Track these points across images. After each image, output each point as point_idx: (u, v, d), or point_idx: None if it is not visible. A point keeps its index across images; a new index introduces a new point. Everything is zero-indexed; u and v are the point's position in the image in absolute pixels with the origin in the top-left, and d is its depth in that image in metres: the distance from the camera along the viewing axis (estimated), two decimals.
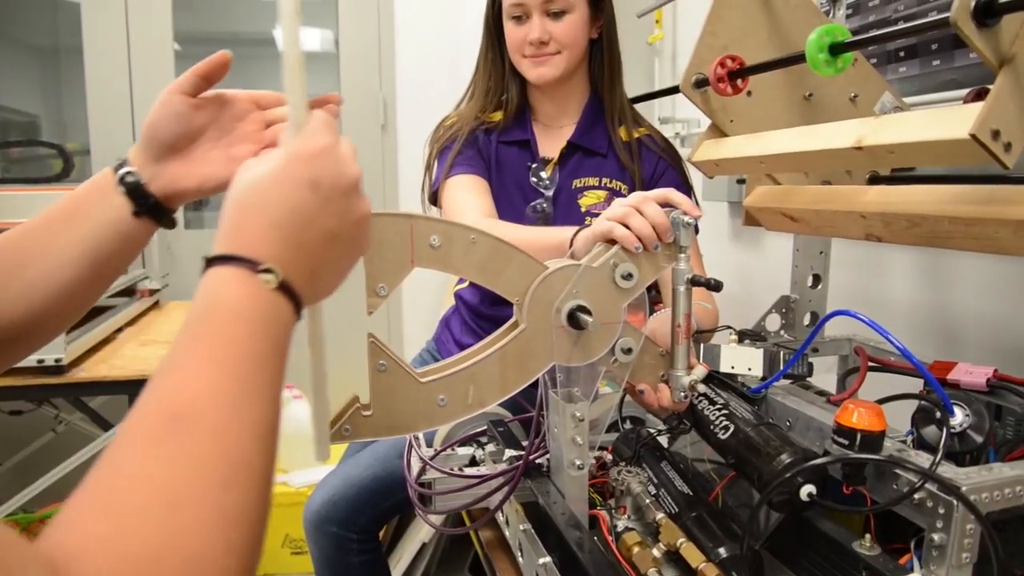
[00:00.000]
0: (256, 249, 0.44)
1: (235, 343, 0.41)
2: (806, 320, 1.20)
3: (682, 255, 0.78)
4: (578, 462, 0.77)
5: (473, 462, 1.06)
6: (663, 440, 0.98)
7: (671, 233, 0.77)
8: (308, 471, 2.34)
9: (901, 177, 1.03)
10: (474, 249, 0.73)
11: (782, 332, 1.20)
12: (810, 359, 1.01)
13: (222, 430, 0.37)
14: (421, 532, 2.16)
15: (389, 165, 2.75)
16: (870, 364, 1.01)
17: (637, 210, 0.77)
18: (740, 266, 1.84)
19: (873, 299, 1.36)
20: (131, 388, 1.62)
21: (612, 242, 0.78)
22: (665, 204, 0.79)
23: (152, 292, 2.34)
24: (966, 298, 1.20)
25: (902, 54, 1.29)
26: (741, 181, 1.63)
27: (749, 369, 0.93)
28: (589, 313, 0.74)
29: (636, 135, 1.28)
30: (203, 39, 2.98)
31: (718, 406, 0.86)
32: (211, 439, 0.37)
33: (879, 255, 1.36)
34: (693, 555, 0.68)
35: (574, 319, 0.74)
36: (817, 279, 1.18)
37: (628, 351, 0.77)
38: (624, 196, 1.24)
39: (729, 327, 0.98)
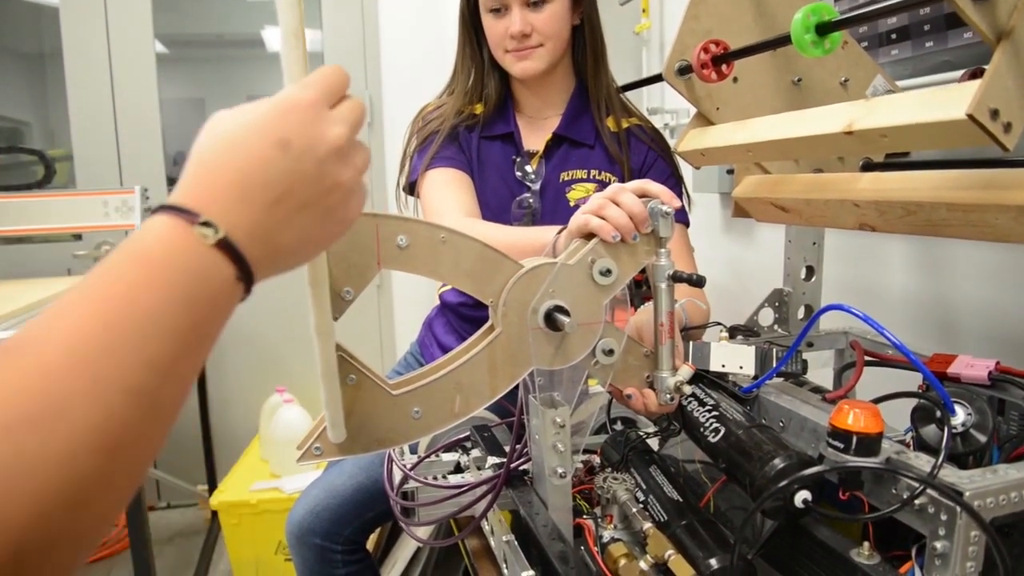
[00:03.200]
0: (205, 203, 0.40)
1: (126, 285, 0.37)
2: (800, 314, 1.16)
3: (662, 250, 0.74)
4: (560, 470, 0.73)
5: (458, 468, 1.02)
6: (653, 442, 0.94)
7: (649, 223, 0.73)
8: (300, 476, 2.31)
9: (896, 163, 0.99)
10: (444, 249, 0.68)
11: (775, 327, 1.16)
12: (804, 355, 0.98)
13: (53, 366, 0.34)
14: (417, 533, 2.12)
15: (376, 163, 2.71)
16: (868, 359, 0.97)
17: (612, 201, 0.73)
18: (732, 258, 1.80)
19: (869, 290, 1.32)
20: None
21: (590, 237, 0.74)
22: (643, 196, 0.75)
23: None
24: (964, 287, 1.16)
25: (894, 36, 1.25)
26: (731, 171, 1.59)
27: (740, 367, 0.89)
28: (567, 313, 0.70)
29: (625, 125, 1.23)
30: (188, 41, 2.94)
31: (708, 407, 0.82)
32: (36, 372, 0.33)
33: (873, 245, 1.32)
34: (682, 568, 0.64)
35: (551, 320, 0.70)
36: (811, 271, 1.14)
37: (610, 352, 0.73)
38: None
39: (719, 323, 0.94)
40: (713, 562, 0.67)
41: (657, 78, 1.03)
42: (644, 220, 0.72)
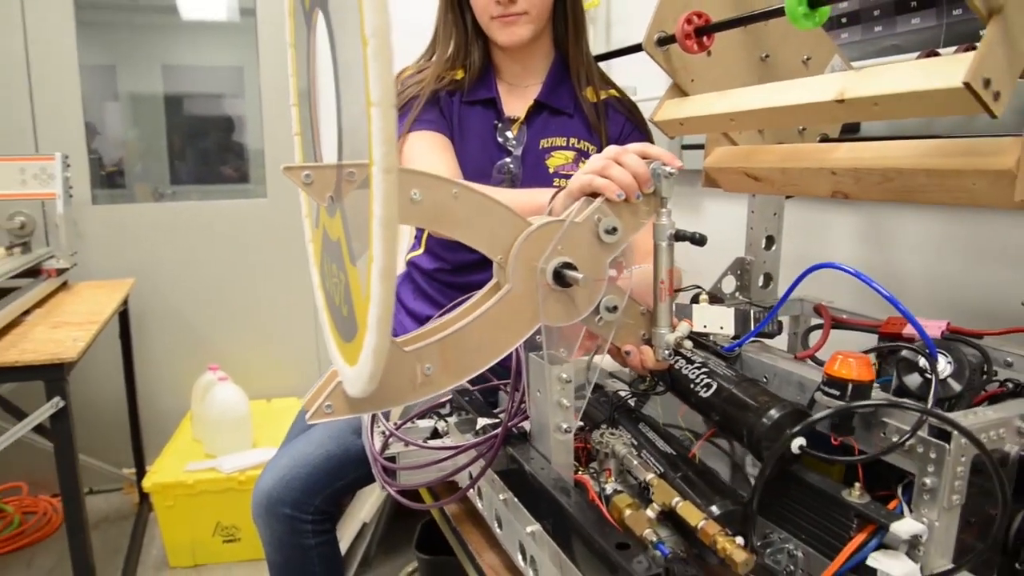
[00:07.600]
0: None
1: None
2: (760, 281, 1.21)
3: (664, 209, 0.76)
4: (564, 425, 0.75)
5: (436, 434, 1.02)
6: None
7: (651, 183, 0.75)
8: (238, 456, 2.24)
9: (855, 137, 1.05)
10: (456, 205, 0.68)
11: (737, 294, 1.21)
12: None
13: None
14: (362, 512, 2.10)
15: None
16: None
17: (615, 161, 0.75)
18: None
19: (818, 261, 1.39)
20: (47, 373, 1.49)
21: (593, 196, 0.76)
22: (644, 157, 0.77)
23: (59, 272, 2.17)
24: (908, 258, 1.24)
25: (844, 20, 1.32)
26: (687, 147, 1.63)
27: (721, 328, 0.93)
28: (576, 269, 0.71)
29: (603, 96, 1.25)
30: (98, 4, 2.76)
31: (696, 364, 0.85)
32: None
33: (821, 219, 1.39)
34: (691, 513, 0.67)
35: (560, 277, 0.71)
36: (771, 240, 1.19)
37: (613, 309, 0.75)
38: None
39: (698, 287, 0.98)
40: (715, 508, 0.70)
41: (635, 48, 1.05)
42: (647, 180, 0.74)
